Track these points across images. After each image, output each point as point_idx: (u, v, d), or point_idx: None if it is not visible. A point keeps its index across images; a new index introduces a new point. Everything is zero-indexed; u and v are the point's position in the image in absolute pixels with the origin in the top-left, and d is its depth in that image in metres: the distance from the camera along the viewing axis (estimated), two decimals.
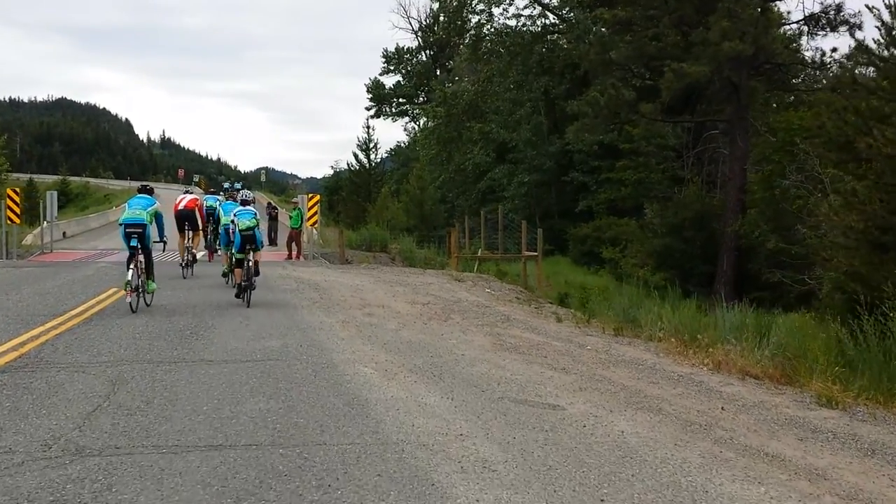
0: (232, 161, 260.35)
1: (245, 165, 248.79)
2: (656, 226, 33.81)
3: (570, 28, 45.08)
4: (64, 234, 35.79)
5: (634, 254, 34.10)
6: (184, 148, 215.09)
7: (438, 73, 75.23)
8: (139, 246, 13.09)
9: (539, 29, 48.20)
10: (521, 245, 34.86)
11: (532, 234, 31.98)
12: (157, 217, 13.87)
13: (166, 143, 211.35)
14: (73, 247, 30.54)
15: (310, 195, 26.70)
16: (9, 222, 24.32)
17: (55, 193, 27.65)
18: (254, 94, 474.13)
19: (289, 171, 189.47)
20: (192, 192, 21.68)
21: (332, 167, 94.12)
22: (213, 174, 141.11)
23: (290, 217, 25.86)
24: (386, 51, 76.24)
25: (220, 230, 17.46)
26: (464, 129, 50.85)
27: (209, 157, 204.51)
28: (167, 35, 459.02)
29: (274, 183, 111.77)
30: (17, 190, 25.15)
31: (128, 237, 13.09)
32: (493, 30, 50.04)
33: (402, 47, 76.54)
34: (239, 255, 14.46)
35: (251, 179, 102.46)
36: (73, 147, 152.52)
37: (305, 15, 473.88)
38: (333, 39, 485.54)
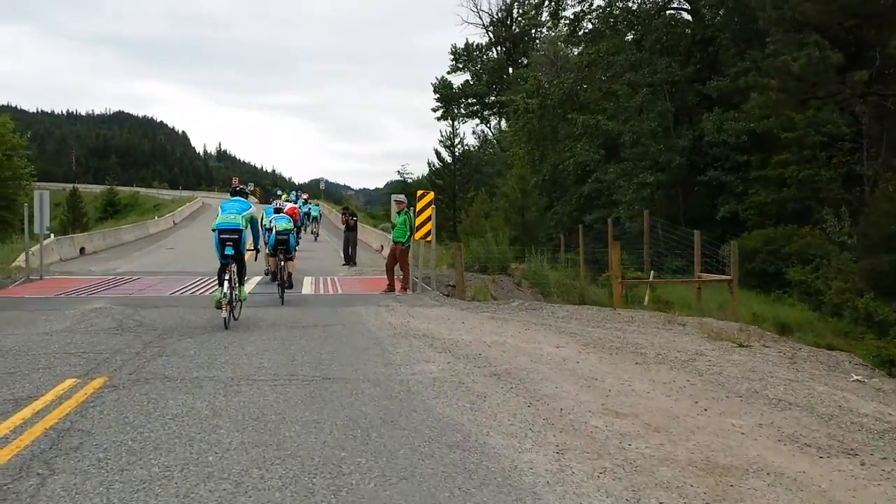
0: (286, 173, 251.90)
1: (298, 177, 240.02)
2: (870, 237, 23.60)
3: None
4: (82, 249, 26.55)
5: (834, 274, 23.96)
6: (239, 160, 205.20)
7: (511, 70, 65.55)
8: (234, 254, 10.79)
9: (658, 2, 38.18)
10: (684, 263, 25.21)
11: (710, 248, 22.24)
12: (253, 222, 11.57)
13: (222, 155, 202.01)
14: (82, 268, 21.24)
15: (419, 193, 16.88)
16: None
17: (46, 193, 18.23)
18: (304, 105, 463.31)
19: (341, 182, 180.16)
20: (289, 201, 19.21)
21: (398, 171, 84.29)
22: (268, 186, 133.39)
23: (394, 226, 15.96)
24: (454, 47, 66.75)
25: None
26: (561, 122, 40.84)
27: (264, 169, 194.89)
28: (220, 48, 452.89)
29: (328, 194, 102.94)
30: None
31: (222, 244, 10.78)
32: (597, 6, 39.98)
33: (472, 43, 66.99)
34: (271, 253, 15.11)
35: (308, 190, 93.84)
36: (129, 159, 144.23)
37: (353, 27, 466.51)
38: (382, 51, 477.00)
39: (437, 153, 45.88)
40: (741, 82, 27.88)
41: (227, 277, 10.61)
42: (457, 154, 45.14)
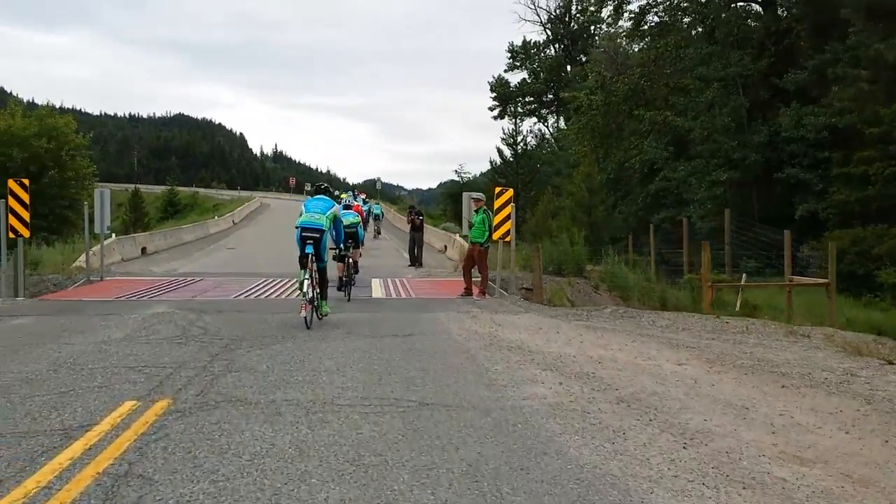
0: (340, 173, 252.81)
1: (352, 177, 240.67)
2: None
3: None
4: (143, 249, 25.90)
5: None
6: (294, 161, 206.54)
7: (569, 68, 63.84)
8: (314, 253, 10.52)
9: None
10: (761, 264, 23.59)
11: (797, 248, 20.63)
12: (336, 222, 11.40)
13: (278, 156, 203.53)
14: (143, 269, 20.48)
15: (497, 190, 15.73)
16: (12, 234, 14.27)
17: (107, 192, 17.39)
18: (358, 106, 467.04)
19: (394, 183, 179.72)
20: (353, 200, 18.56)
21: (455, 171, 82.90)
22: (322, 186, 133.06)
23: (472, 225, 14.74)
24: (511, 45, 65.33)
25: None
26: (627, 118, 39.19)
27: (318, 170, 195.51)
28: (277, 51, 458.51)
29: (382, 194, 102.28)
30: (26, 183, 14.81)
31: (303, 241, 10.54)
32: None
33: (529, 41, 65.44)
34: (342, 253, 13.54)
35: (365, 190, 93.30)
36: (188, 160, 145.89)
37: (408, 28, 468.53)
38: (435, 51, 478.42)
39: (500, 151, 44.56)
40: (829, 73, 26.00)
41: (307, 277, 10.33)
42: (519, 152, 43.69)
